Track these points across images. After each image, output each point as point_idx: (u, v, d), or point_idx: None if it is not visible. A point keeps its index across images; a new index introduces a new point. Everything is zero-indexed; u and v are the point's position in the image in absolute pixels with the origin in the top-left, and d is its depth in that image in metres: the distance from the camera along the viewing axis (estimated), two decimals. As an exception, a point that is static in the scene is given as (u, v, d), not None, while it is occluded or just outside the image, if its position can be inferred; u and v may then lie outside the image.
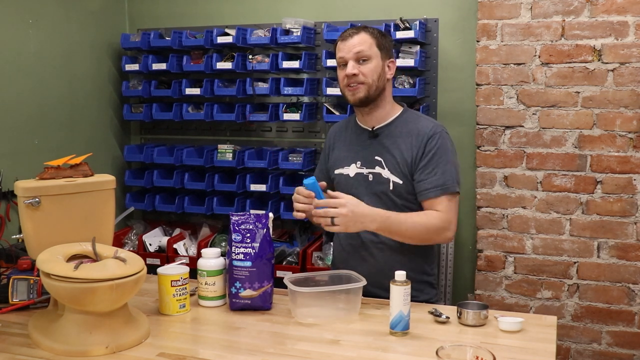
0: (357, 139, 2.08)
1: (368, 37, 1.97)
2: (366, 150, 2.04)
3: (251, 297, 1.82)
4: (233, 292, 1.83)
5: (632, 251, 2.73)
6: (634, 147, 2.69)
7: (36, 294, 1.86)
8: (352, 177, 2.05)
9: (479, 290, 2.96)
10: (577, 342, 2.84)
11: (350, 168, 2.06)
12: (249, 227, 1.84)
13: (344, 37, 1.99)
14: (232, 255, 1.82)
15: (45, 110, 2.97)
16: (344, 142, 2.12)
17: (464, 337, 1.65)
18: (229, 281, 1.85)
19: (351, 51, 1.96)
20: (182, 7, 3.46)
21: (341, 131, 2.17)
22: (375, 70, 1.97)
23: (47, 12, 2.96)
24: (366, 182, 2.02)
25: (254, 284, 1.81)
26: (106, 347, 1.55)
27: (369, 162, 2.02)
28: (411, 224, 1.90)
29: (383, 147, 2.01)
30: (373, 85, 1.97)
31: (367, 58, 1.96)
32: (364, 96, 1.97)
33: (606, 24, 2.66)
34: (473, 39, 2.93)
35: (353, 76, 1.95)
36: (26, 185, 1.76)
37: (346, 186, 2.05)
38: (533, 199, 2.85)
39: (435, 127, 2.00)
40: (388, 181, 1.98)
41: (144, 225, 3.46)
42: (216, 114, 3.22)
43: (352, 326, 1.74)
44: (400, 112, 2.07)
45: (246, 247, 1.81)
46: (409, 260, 2.01)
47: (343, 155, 2.10)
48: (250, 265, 1.80)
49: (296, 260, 3.04)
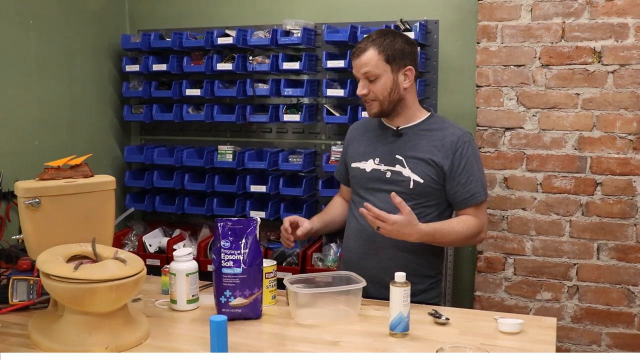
0: (380, 136, 2.10)
1: (375, 54, 1.95)
2: (387, 148, 2.06)
3: (242, 305, 1.76)
4: (222, 301, 1.77)
5: (631, 253, 2.73)
6: (634, 149, 2.69)
7: (36, 295, 1.86)
8: (368, 172, 2.07)
9: (478, 291, 2.96)
10: (577, 344, 2.84)
11: (367, 163, 2.08)
12: (238, 233, 1.78)
13: (354, 54, 2.00)
14: (222, 263, 1.76)
15: (46, 110, 2.97)
16: (365, 138, 2.14)
17: (463, 338, 1.65)
18: (217, 290, 1.78)
19: (359, 71, 1.98)
20: (183, 8, 3.46)
21: (363, 127, 2.20)
22: (385, 87, 1.97)
23: (47, 13, 2.96)
24: (383, 179, 2.04)
25: (245, 291, 1.76)
26: (106, 348, 1.55)
27: (388, 160, 2.04)
28: (455, 234, 1.99)
29: (406, 146, 2.03)
30: (385, 101, 1.99)
31: (374, 77, 1.96)
32: (378, 111, 2.02)
33: (606, 25, 2.66)
34: (473, 40, 2.93)
35: (364, 95, 2.00)
36: (26, 186, 1.76)
37: (361, 180, 2.08)
38: (533, 201, 2.85)
39: (463, 135, 2.04)
40: (408, 180, 2.00)
41: (144, 226, 3.46)
42: (216, 115, 3.22)
43: (352, 327, 1.74)
44: (427, 116, 2.09)
45: (236, 254, 1.76)
46: (418, 259, 2.05)
47: (362, 150, 2.12)
48: (240, 272, 1.75)
49: (296, 262, 3.03)
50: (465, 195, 2.02)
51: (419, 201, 2.01)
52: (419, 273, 2.04)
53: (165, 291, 2.00)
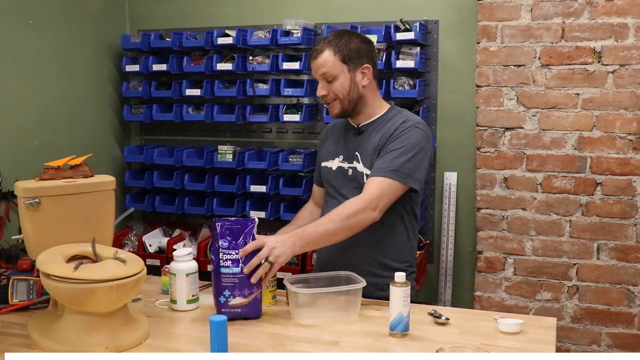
0: (345, 135, 2.14)
1: (330, 55, 1.98)
2: (349, 145, 2.10)
3: (241, 304, 1.75)
4: (222, 301, 1.75)
5: (631, 253, 2.73)
6: (633, 149, 2.69)
7: (36, 295, 1.86)
8: (334, 171, 2.11)
9: (478, 291, 2.96)
10: (577, 344, 2.84)
11: (334, 162, 2.12)
12: (236, 233, 1.77)
13: (311, 56, 2.03)
14: (220, 263, 1.75)
15: (46, 110, 2.98)
16: (334, 137, 2.18)
17: (463, 338, 1.65)
18: (216, 290, 1.78)
19: (317, 72, 2.02)
20: (183, 8, 3.46)
21: (334, 128, 2.23)
22: (344, 86, 2.00)
23: (47, 13, 2.96)
24: (346, 176, 2.07)
25: (244, 291, 1.75)
26: (106, 348, 1.55)
27: (349, 157, 2.08)
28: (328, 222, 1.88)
29: (363, 142, 2.06)
30: (345, 100, 2.02)
31: (332, 77, 1.99)
32: (340, 112, 2.05)
33: (606, 25, 2.66)
34: (473, 40, 2.93)
35: (324, 96, 2.02)
36: (26, 186, 1.76)
37: (329, 179, 2.13)
38: (533, 201, 2.85)
39: (408, 119, 2.01)
40: (362, 174, 2.03)
41: (144, 226, 3.46)
42: (216, 115, 3.22)
43: (352, 327, 1.74)
44: (386, 110, 2.09)
45: (234, 254, 1.75)
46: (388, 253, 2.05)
47: (331, 150, 2.16)
48: (239, 271, 1.74)
49: (296, 261, 3.04)
50: (374, 167, 1.95)
51: None
52: (391, 267, 2.04)
53: (165, 291, 2.00)
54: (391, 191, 1.93)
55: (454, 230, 3.09)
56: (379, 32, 2.92)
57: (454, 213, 3.08)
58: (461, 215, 3.10)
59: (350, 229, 1.89)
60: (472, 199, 2.99)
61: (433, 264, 3.17)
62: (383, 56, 2.89)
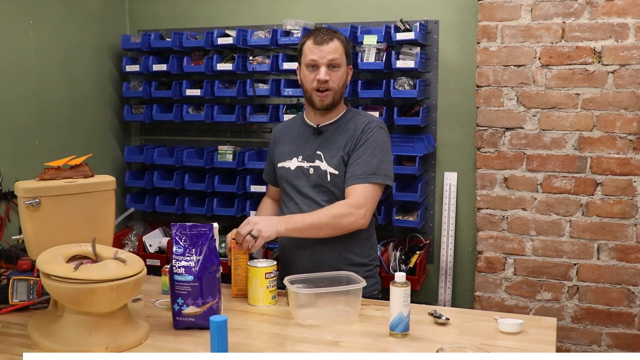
0: (302, 135, 2.17)
1: (340, 45, 2.05)
2: (309, 145, 2.14)
3: (195, 314, 1.68)
4: (176, 309, 1.69)
5: (632, 253, 2.73)
6: (634, 149, 2.69)
7: (36, 295, 1.86)
8: (292, 170, 2.14)
9: (478, 291, 2.96)
10: (577, 344, 2.84)
11: (292, 162, 2.15)
12: (191, 238, 1.72)
13: (319, 42, 2.04)
14: (173, 270, 1.70)
15: (46, 111, 2.98)
16: (288, 138, 2.21)
17: (463, 338, 1.65)
18: (171, 298, 1.71)
19: (325, 57, 2.03)
20: (183, 8, 3.46)
21: (286, 128, 2.26)
22: (341, 78, 2.08)
23: (47, 13, 2.96)
24: (306, 175, 2.11)
25: (197, 300, 1.68)
26: (106, 348, 1.55)
27: (310, 157, 2.12)
28: (316, 215, 1.99)
29: (324, 142, 2.11)
30: (338, 92, 2.08)
31: (337, 65, 2.05)
32: (330, 103, 2.09)
33: (606, 25, 2.66)
34: (473, 40, 2.93)
35: (324, 82, 2.04)
36: (26, 186, 1.76)
37: (287, 178, 2.15)
38: (533, 201, 2.85)
39: (373, 121, 2.11)
40: (326, 173, 2.07)
41: (144, 226, 3.46)
42: (216, 115, 3.22)
43: (352, 327, 1.74)
44: (345, 111, 2.17)
45: (188, 260, 1.68)
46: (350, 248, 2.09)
47: (287, 150, 2.18)
48: (192, 279, 1.67)
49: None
50: (348, 175, 2.04)
51: (337, 193, 2.07)
52: (354, 262, 2.09)
53: (165, 291, 2.00)
54: (375, 194, 2.04)
55: (454, 230, 3.09)
56: (379, 32, 2.92)
57: (454, 213, 3.08)
58: (461, 215, 3.10)
59: (334, 228, 1.99)
60: (472, 199, 2.99)
61: (433, 264, 3.17)
62: (383, 56, 2.89)
